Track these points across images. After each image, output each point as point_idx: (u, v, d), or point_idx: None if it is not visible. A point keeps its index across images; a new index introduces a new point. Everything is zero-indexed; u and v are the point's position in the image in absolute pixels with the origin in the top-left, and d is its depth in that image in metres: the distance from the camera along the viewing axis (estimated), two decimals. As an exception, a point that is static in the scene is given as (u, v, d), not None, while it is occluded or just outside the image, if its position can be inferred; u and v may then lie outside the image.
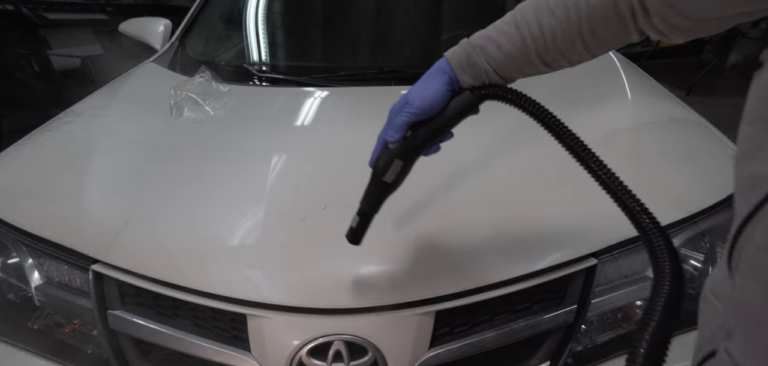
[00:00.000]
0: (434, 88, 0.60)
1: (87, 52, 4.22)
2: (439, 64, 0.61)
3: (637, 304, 0.76)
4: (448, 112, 0.61)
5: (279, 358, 0.67)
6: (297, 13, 1.78)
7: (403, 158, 0.63)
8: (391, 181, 0.64)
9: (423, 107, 0.60)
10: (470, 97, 0.60)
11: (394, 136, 0.62)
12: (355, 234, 0.68)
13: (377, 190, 0.66)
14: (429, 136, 0.63)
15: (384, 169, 0.64)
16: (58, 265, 0.82)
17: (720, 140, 0.96)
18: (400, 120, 0.61)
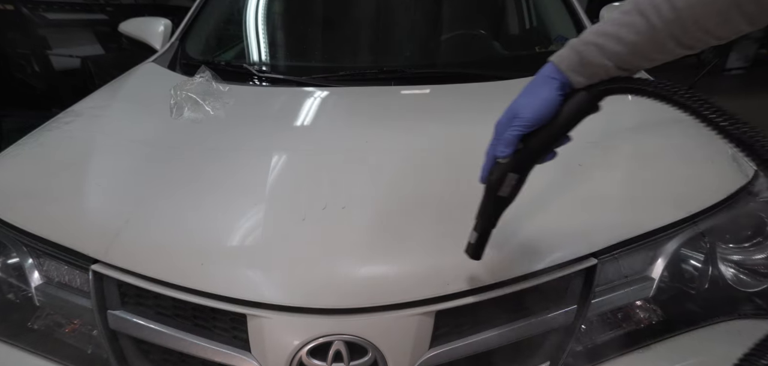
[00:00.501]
0: (544, 97, 0.58)
1: (87, 52, 4.22)
2: (545, 71, 0.58)
3: (637, 304, 0.76)
4: (564, 118, 0.59)
5: (279, 358, 0.67)
6: (297, 13, 1.78)
7: (517, 171, 0.62)
8: (506, 194, 0.64)
9: (535, 118, 0.58)
10: (587, 96, 0.57)
11: (505, 151, 0.60)
12: (476, 250, 0.68)
13: (493, 206, 0.66)
14: (544, 145, 0.61)
15: (498, 184, 0.63)
16: (58, 265, 0.81)
17: (720, 140, 0.96)
18: (510, 134, 0.59)
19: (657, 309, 0.76)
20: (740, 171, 0.85)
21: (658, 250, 0.77)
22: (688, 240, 0.78)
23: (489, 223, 0.67)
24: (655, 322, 0.75)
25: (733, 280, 0.77)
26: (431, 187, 0.84)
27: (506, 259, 0.71)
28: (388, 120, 1.11)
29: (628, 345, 0.74)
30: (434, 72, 1.42)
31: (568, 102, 0.58)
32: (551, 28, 1.71)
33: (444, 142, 0.98)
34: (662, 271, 0.76)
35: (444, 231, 0.75)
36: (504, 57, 1.60)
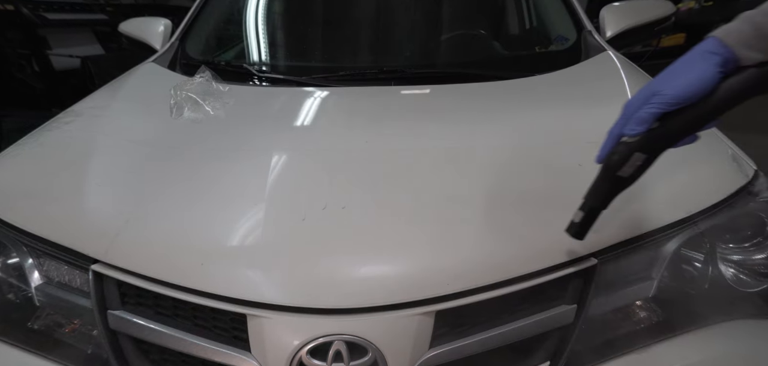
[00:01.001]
0: (697, 74, 0.52)
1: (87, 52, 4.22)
2: (703, 47, 0.53)
3: (637, 304, 0.76)
4: (721, 97, 0.53)
5: (279, 358, 0.67)
6: (297, 13, 1.78)
7: (646, 151, 0.58)
8: (628, 175, 0.60)
9: (681, 96, 0.53)
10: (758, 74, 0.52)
11: (636, 129, 0.56)
12: (580, 229, 0.65)
13: (610, 186, 0.63)
14: (689, 125, 0.56)
15: (620, 163, 0.59)
16: (58, 265, 0.81)
17: (720, 140, 0.96)
18: (646, 112, 0.55)
19: (657, 309, 0.76)
20: (740, 171, 0.85)
21: (658, 250, 0.77)
22: (688, 240, 0.78)
23: (601, 204, 0.64)
24: (655, 322, 0.75)
25: (733, 280, 0.77)
26: (431, 187, 0.84)
27: (506, 259, 0.71)
28: (388, 120, 1.11)
29: (628, 345, 0.74)
30: (434, 72, 1.42)
31: (730, 79, 0.53)
32: (551, 28, 1.71)
33: (444, 142, 0.98)
34: (662, 271, 0.76)
35: (444, 231, 0.75)
36: (504, 57, 1.60)
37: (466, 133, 1.02)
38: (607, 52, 1.34)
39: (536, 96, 1.18)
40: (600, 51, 1.36)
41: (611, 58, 1.30)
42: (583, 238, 0.66)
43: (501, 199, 0.80)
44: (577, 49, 1.43)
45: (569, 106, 1.12)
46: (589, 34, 1.46)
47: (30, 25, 3.82)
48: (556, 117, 1.05)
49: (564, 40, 1.54)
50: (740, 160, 0.89)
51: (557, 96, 1.18)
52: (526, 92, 1.20)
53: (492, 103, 1.18)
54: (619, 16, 1.52)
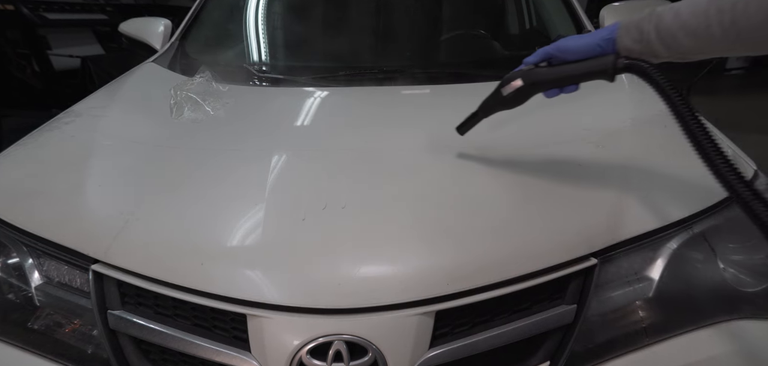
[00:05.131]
0: (587, 39, 0.63)
1: (87, 52, 4.22)
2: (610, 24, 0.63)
3: (637, 304, 0.76)
4: (582, 65, 0.64)
5: (279, 358, 0.67)
6: (297, 13, 1.78)
7: (524, 80, 0.69)
8: (506, 94, 0.71)
9: (565, 47, 0.64)
10: (607, 60, 0.62)
11: (529, 60, 0.69)
12: (462, 126, 0.81)
13: (493, 98, 0.74)
14: (553, 75, 0.67)
15: (506, 81, 0.70)
16: (58, 265, 0.81)
17: (720, 140, 0.96)
18: (541, 49, 0.67)
19: (657, 309, 0.76)
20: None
21: (658, 250, 0.77)
22: (688, 240, 0.78)
23: (482, 112, 0.78)
24: (655, 322, 0.75)
25: (733, 280, 0.77)
26: (431, 187, 0.84)
27: (506, 259, 0.72)
28: (388, 120, 1.11)
29: (628, 345, 0.74)
30: (434, 72, 1.42)
31: (597, 58, 0.63)
32: (551, 27, 1.71)
33: (444, 142, 0.98)
34: (662, 271, 0.76)
35: (444, 231, 0.75)
36: (504, 57, 1.60)
37: (467, 133, 1.02)
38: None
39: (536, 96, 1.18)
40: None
41: (611, 58, 1.30)
42: (462, 133, 0.83)
43: (501, 199, 0.80)
44: (577, 49, 1.43)
45: (569, 106, 1.12)
46: (589, 34, 1.46)
47: (30, 25, 3.81)
48: (555, 117, 1.05)
49: (564, 40, 1.54)
50: (740, 160, 0.89)
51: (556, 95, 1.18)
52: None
53: None
54: (619, 16, 1.52)
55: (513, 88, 0.69)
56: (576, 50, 0.63)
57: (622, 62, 0.60)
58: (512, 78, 0.70)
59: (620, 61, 0.60)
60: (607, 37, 0.61)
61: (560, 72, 0.66)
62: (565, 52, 0.64)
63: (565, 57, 0.64)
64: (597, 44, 0.61)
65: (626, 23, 0.60)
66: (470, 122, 0.80)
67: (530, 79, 0.69)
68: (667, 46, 0.57)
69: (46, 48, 3.96)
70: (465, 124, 0.81)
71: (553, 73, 0.67)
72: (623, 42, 0.60)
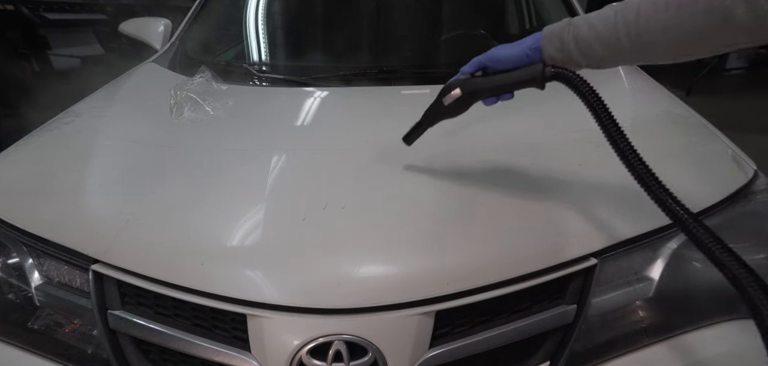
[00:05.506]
0: (515, 49, 0.66)
1: (87, 52, 4.22)
2: (535, 34, 0.66)
3: (637, 304, 0.76)
4: (513, 74, 0.67)
5: (279, 358, 0.67)
6: (297, 13, 1.78)
7: (462, 89, 0.72)
8: (447, 104, 0.74)
9: (496, 56, 0.67)
10: (536, 69, 0.65)
11: (464, 70, 0.72)
12: (408, 136, 0.82)
13: (436, 108, 0.77)
14: (489, 84, 0.70)
15: (446, 91, 0.74)
16: (58, 265, 0.81)
17: (720, 140, 0.96)
18: (476, 59, 0.71)
19: (657, 309, 0.76)
20: (740, 171, 0.85)
21: (658, 250, 0.77)
22: (688, 240, 0.78)
23: (426, 121, 0.80)
24: (655, 322, 0.75)
25: (733, 280, 0.77)
26: (431, 187, 0.84)
27: (506, 259, 0.72)
28: (388, 120, 1.11)
29: (628, 345, 0.74)
30: (434, 72, 1.42)
31: (526, 67, 0.66)
32: (551, 28, 1.71)
33: (444, 142, 0.98)
34: (662, 271, 0.76)
35: (444, 231, 0.75)
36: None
37: (467, 133, 1.02)
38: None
39: (536, 96, 1.18)
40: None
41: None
42: (409, 143, 0.83)
43: (501, 199, 0.80)
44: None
45: (569, 106, 1.12)
46: (589, 34, 1.46)
47: (30, 25, 3.82)
48: (555, 117, 1.05)
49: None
50: (740, 160, 0.89)
51: (557, 96, 1.18)
52: (525, 92, 1.20)
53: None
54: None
55: (452, 97, 0.72)
56: (506, 60, 0.66)
57: (549, 71, 0.63)
58: (451, 87, 0.73)
59: (548, 70, 0.63)
60: (534, 46, 0.64)
61: (494, 81, 0.69)
62: (497, 62, 0.67)
63: (497, 66, 0.67)
64: (525, 54, 0.64)
65: (549, 33, 0.64)
66: (415, 132, 0.81)
67: (468, 89, 0.72)
68: (585, 56, 0.61)
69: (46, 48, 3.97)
70: (410, 134, 0.82)
71: (488, 82, 0.70)
72: (548, 51, 0.63)
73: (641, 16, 0.55)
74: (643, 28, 0.55)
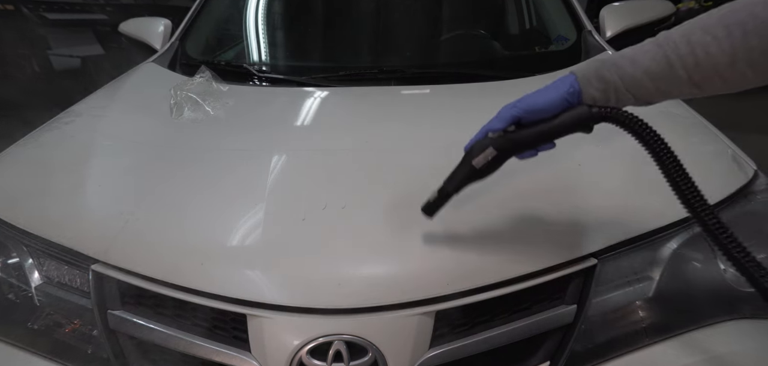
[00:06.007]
0: (551, 94, 0.60)
1: (87, 52, 4.22)
2: (564, 77, 0.61)
3: (637, 304, 0.76)
4: (557, 121, 0.61)
5: (279, 358, 0.67)
6: (297, 13, 1.78)
7: (497, 148, 0.64)
8: (479, 166, 0.66)
9: (532, 107, 0.61)
10: (584, 112, 0.60)
11: (496, 126, 0.64)
12: (431, 207, 0.70)
13: (464, 173, 0.68)
14: (530, 137, 0.63)
15: (476, 153, 0.65)
16: (58, 265, 0.81)
17: (720, 140, 0.96)
18: (507, 113, 0.63)
19: (657, 309, 0.76)
20: (740, 171, 0.85)
21: (658, 250, 0.77)
22: (688, 240, 0.78)
23: (453, 188, 0.69)
24: (655, 322, 0.75)
25: (733, 280, 0.77)
26: (431, 187, 0.83)
27: (506, 259, 0.71)
28: (388, 120, 1.11)
29: (628, 345, 0.74)
30: (434, 72, 1.42)
31: (569, 111, 0.60)
32: (551, 28, 1.71)
33: (444, 142, 0.98)
34: (662, 271, 0.76)
35: (444, 231, 0.75)
36: (504, 57, 1.60)
37: (466, 133, 1.01)
38: (607, 52, 1.34)
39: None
40: (600, 51, 1.36)
41: (611, 57, 1.30)
42: (432, 216, 0.71)
43: (501, 199, 0.80)
44: (577, 50, 1.43)
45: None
46: (589, 34, 1.46)
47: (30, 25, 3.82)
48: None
49: (564, 40, 1.54)
50: (740, 160, 0.89)
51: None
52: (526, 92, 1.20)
53: (492, 103, 1.17)
54: (619, 16, 1.52)
55: (485, 158, 0.65)
56: (544, 108, 0.61)
57: (599, 112, 0.59)
58: (482, 148, 0.65)
59: (596, 111, 0.59)
60: (570, 90, 0.60)
61: (536, 133, 0.62)
62: (533, 113, 0.61)
63: (535, 117, 0.62)
64: (563, 99, 0.60)
65: (584, 74, 0.60)
66: (439, 202, 0.70)
67: (504, 147, 0.64)
68: (634, 93, 0.58)
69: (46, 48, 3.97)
70: (433, 205, 0.70)
71: (529, 135, 0.63)
72: (588, 92, 0.59)
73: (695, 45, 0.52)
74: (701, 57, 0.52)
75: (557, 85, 0.61)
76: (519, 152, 0.65)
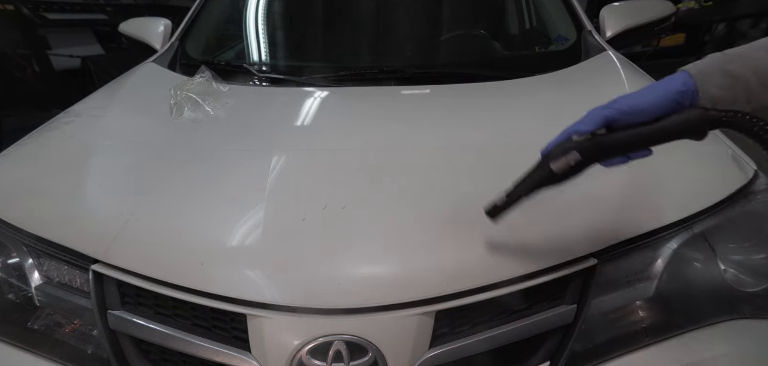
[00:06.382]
0: (656, 94, 0.53)
1: (87, 52, 4.22)
2: (672, 77, 0.54)
3: (637, 304, 0.76)
4: (661, 124, 0.53)
5: (279, 358, 0.67)
6: (297, 13, 1.78)
7: (581, 153, 0.57)
8: (557, 171, 0.59)
9: (631, 107, 0.54)
10: (699, 115, 0.51)
11: (583, 129, 0.56)
12: (497, 210, 0.65)
13: (539, 177, 0.62)
14: (624, 142, 0.56)
15: (556, 156, 0.58)
16: (58, 265, 0.81)
17: (720, 140, 0.96)
18: (598, 114, 0.56)
19: (657, 309, 0.76)
20: (740, 171, 0.85)
21: (658, 250, 0.77)
22: (688, 240, 0.78)
23: (524, 192, 0.63)
24: (655, 322, 0.75)
25: (733, 280, 0.77)
26: (431, 187, 0.84)
27: (506, 259, 0.71)
28: (388, 120, 1.11)
29: (628, 345, 0.74)
30: (434, 72, 1.42)
31: (679, 114, 0.53)
32: (551, 28, 1.71)
33: (444, 142, 0.98)
34: (662, 271, 0.76)
35: (444, 231, 0.75)
36: (504, 57, 1.60)
37: (466, 133, 1.02)
38: (607, 52, 1.34)
39: (536, 96, 1.18)
40: (600, 51, 1.36)
41: (611, 58, 1.30)
42: (497, 220, 0.66)
43: None
44: (577, 50, 1.43)
45: (569, 107, 1.12)
46: (589, 34, 1.46)
47: (30, 25, 3.82)
48: (555, 116, 1.05)
49: (564, 40, 1.54)
50: (740, 160, 0.89)
51: (557, 96, 1.18)
52: (526, 92, 1.20)
53: (492, 103, 1.18)
54: (619, 16, 1.52)
55: (567, 163, 0.57)
56: (645, 109, 0.53)
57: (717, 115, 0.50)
58: (563, 151, 0.58)
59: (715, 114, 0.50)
60: (682, 89, 0.52)
61: (633, 136, 0.54)
62: (633, 114, 0.53)
63: (633, 119, 0.54)
64: (672, 99, 0.52)
65: (701, 70, 0.52)
66: (506, 205, 0.65)
67: (590, 152, 0.57)
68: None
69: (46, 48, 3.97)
70: (498, 208, 0.65)
71: (623, 139, 0.55)
72: (707, 91, 0.51)
73: None
74: None
75: (665, 83, 0.53)
76: (607, 159, 0.59)
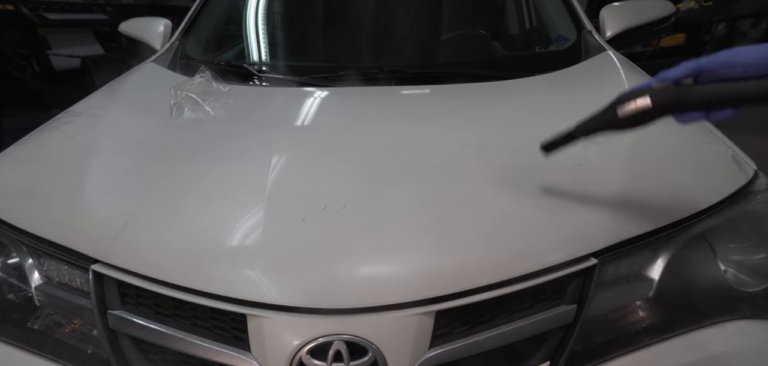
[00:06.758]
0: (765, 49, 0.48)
1: (87, 52, 4.22)
2: None
3: (637, 304, 0.76)
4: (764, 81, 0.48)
5: (279, 359, 0.67)
6: (297, 13, 1.78)
7: (655, 100, 0.52)
8: (623, 116, 0.55)
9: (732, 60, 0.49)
10: None
11: (670, 75, 0.52)
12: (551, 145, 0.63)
13: (604, 120, 0.58)
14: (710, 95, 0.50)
15: (626, 99, 0.54)
16: (58, 265, 0.82)
17: (720, 140, 0.96)
18: (690, 64, 0.51)
19: (657, 309, 0.76)
20: (740, 171, 0.85)
21: (658, 250, 0.77)
22: (688, 240, 0.78)
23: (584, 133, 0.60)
24: (655, 322, 0.75)
25: (733, 280, 0.77)
26: (431, 187, 0.84)
27: (506, 259, 0.71)
28: (388, 120, 1.11)
29: (628, 345, 0.74)
30: (434, 72, 1.42)
31: None
32: (551, 28, 1.71)
33: (444, 142, 0.98)
34: (662, 271, 0.76)
35: (444, 231, 0.75)
36: (504, 57, 1.60)
37: (466, 133, 1.02)
38: (607, 52, 1.34)
39: (536, 96, 1.18)
40: (600, 51, 1.36)
41: (611, 58, 1.30)
42: (548, 154, 0.64)
43: (501, 199, 0.80)
44: (577, 49, 1.43)
45: (569, 106, 1.12)
46: (589, 34, 1.46)
47: (30, 25, 3.82)
48: (555, 115, 1.05)
49: (564, 40, 1.54)
50: (740, 160, 0.89)
51: (557, 96, 1.18)
52: (526, 92, 1.20)
53: (492, 103, 1.18)
54: (619, 16, 1.52)
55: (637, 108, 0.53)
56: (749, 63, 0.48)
57: None
58: (635, 95, 0.54)
59: None
60: None
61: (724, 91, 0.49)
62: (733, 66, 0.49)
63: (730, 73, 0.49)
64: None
65: None
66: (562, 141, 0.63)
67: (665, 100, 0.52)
68: None
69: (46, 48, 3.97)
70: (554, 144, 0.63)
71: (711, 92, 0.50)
72: None
73: None
74: None
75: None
76: (685, 111, 0.54)
